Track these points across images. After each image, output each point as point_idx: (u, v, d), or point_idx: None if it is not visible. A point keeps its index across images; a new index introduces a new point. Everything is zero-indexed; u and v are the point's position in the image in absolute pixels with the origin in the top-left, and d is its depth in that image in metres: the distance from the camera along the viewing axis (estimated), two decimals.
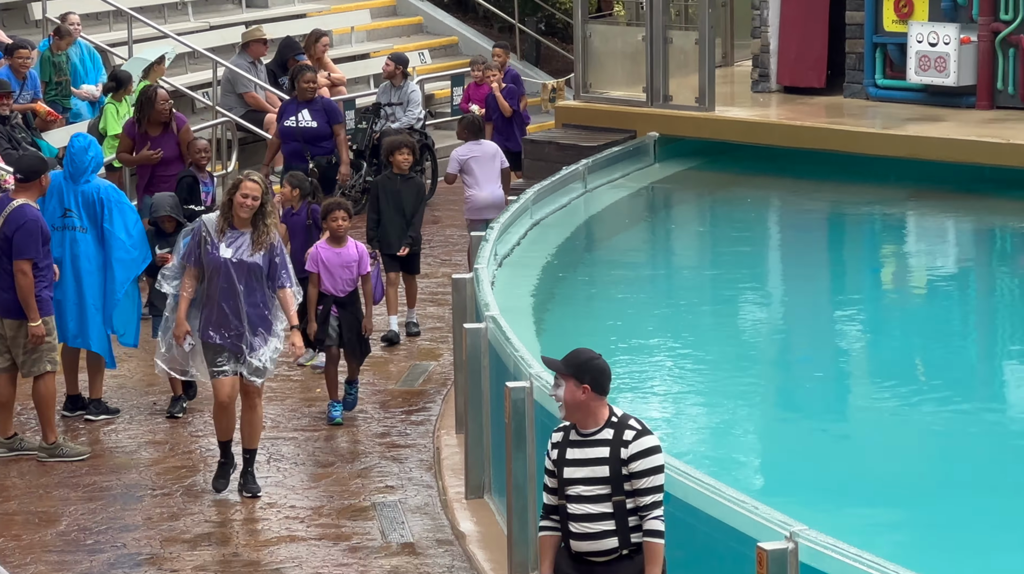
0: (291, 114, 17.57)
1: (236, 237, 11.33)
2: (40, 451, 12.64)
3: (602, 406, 7.86)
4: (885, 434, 13.11)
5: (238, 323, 11.37)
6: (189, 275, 11.42)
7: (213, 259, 11.31)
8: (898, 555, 7.86)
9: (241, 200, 11.23)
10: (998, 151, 18.80)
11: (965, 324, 16.60)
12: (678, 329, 15.72)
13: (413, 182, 15.16)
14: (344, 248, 13.09)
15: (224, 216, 11.33)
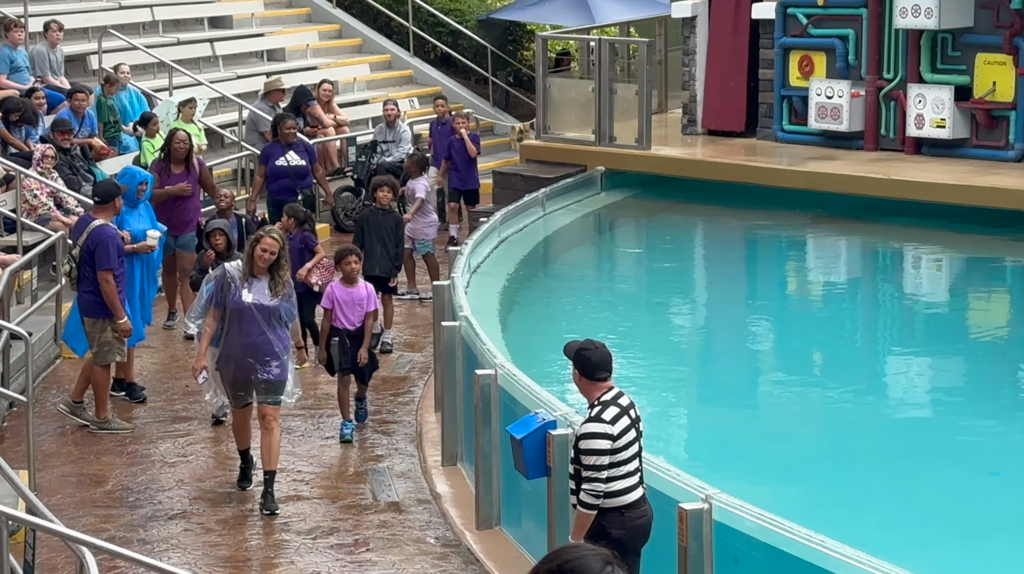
0: (279, 156, 17.06)
1: (256, 283, 10.78)
2: (92, 423, 12.58)
3: (593, 389, 7.79)
4: (789, 415, 13.12)
5: (257, 357, 10.76)
6: (212, 316, 10.89)
7: (237, 302, 10.76)
8: (798, 514, 7.85)
9: (260, 254, 10.74)
10: (881, 185, 18.85)
11: (853, 326, 16.62)
12: (619, 329, 15.70)
13: (392, 216, 14.58)
14: (355, 288, 12.33)
15: (247, 265, 10.81)
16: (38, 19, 20.72)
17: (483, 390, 10.43)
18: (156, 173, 15.19)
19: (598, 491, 7.68)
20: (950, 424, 12.80)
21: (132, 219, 13.29)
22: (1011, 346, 15.57)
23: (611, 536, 7.63)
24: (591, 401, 7.83)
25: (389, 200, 14.47)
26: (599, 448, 7.68)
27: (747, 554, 7.74)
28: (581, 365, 7.82)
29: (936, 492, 11.08)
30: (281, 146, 17.17)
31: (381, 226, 14.41)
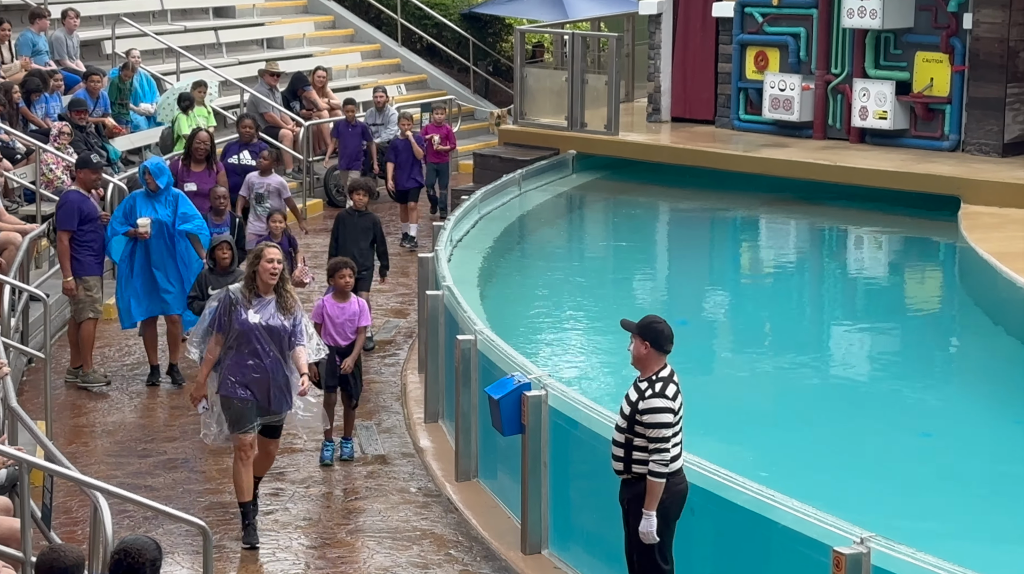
0: (233, 153, 15.95)
1: (262, 303, 9.27)
2: (69, 374, 12.55)
3: (655, 363, 7.64)
4: (741, 381, 13.16)
5: (265, 381, 9.29)
6: (215, 341, 9.32)
7: (243, 324, 9.22)
8: (748, 470, 7.88)
9: (266, 266, 9.24)
10: (828, 170, 18.87)
11: (801, 300, 16.66)
12: (587, 299, 15.73)
13: (368, 218, 13.17)
14: (347, 303, 10.84)
15: (249, 286, 9.29)
16: (57, 7, 20.64)
17: (463, 354, 10.44)
18: (173, 172, 13.72)
19: (666, 460, 7.51)
20: (887, 390, 12.87)
21: (144, 206, 12.38)
22: (943, 318, 15.64)
23: (663, 503, 7.58)
24: (647, 375, 7.63)
25: (365, 203, 13.21)
26: (666, 422, 7.52)
27: (703, 506, 7.77)
28: (654, 338, 7.64)
29: (874, 452, 11.14)
30: (239, 144, 16.12)
31: (357, 227, 13.13)
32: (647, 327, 7.71)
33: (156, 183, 12.39)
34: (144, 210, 12.38)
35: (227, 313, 9.27)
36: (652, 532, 7.52)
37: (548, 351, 13.64)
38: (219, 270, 11.63)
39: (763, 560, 7.41)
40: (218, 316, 9.30)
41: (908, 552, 6.58)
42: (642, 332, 7.69)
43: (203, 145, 14.15)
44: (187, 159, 14.24)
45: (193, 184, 13.91)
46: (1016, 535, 9.70)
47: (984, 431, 11.73)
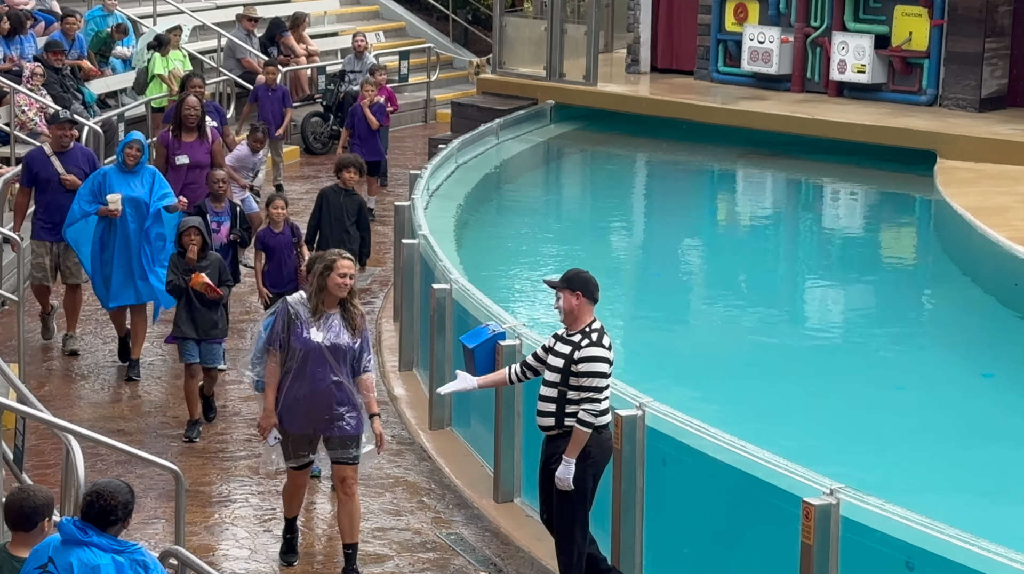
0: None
1: (327, 319, 8.04)
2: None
3: (587, 314, 7.64)
4: (716, 333, 13.19)
5: (329, 409, 8.08)
6: (274, 361, 8.08)
7: (305, 343, 8.00)
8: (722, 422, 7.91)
9: (339, 281, 7.99)
10: (805, 124, 18.86)
11: (776, 253, 16.69)
12: (562, 249, 15.72)
13: (355, 198, 12.03)
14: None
15: (317, 299, 8.02)
16: None
17: (439, 303, 10.43)
18: (163, 145, 12.68)
19: (597, 411, 7.56)
20: (861, 343, 12.91)
21: (119, 183, 11.20)
22: (917, 273, 15.69)
23: (591, 455, 7.61)
24: (581, 327, 7.63)
25: (355, 182, 12.10)
26: (603, 371, 7.55)
27: (675, 457, 7.80)
28: (584, 287, 7.64)
29: (846, 404, 11.19)
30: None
31: (342, 207, 11.90)
32: (575, 278, 7.72)
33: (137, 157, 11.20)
34: (118, 187, 11.21)
35: (285, 329, 8.06)
36: (569, 479, 7.58)
37: (523, 301, 13.64)
38: (186, 262, 10.24)
39: (734, 510, 7.44)
40: (276, 333, 8.09)
41: (877, 503, 6.62)
42: (571, 284, 7.69)
43: (193, 111, 12.57)
44: (177, 128, 12.66)
45: (185, 156, 12.55)
46: (985, 488, 9.77)
47: (956, 385, 11.79)
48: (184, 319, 10.25)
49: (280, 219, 11.16)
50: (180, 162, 12.51)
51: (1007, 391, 11.58)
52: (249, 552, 8.61)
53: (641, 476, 7.92)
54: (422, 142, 20.69)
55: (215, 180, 11.46)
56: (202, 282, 10.10)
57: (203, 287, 10.13)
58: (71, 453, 7.47)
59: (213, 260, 10.33)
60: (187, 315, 10.24)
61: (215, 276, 10.26)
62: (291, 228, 11.27)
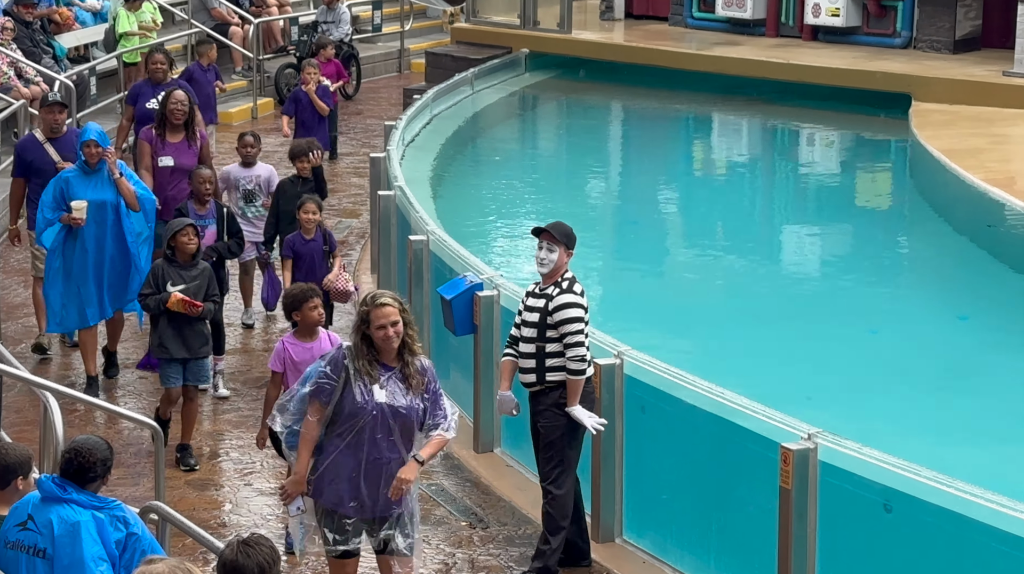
0: (148, 97, 13.04)
1: (385, 374, 6.64)
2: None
3: (565, 264, 7.67)
4: (693, 279, 13.21)
5: (383, 482, 6.62)
6: (316, 415, 6.60)
7: (365, 404, 6.57)
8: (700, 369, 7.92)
9: (385, 334, 6.55)
10: (780, 69, 18.81)
11: (752, 199, 16.70)
12: (539, 197, 15.70)
13: (313, 187, 11.09)
14: (316, 342, 8.06)
15: (368, 358, 6.61)
16: None
17: (416, 254, 10.41)
18: (147, 142, 11.10)
19: (582, 355, 7.53)
20: (836, 287, 12.95)
21: (80, 187, 9.92)
22: (892, 217, 15.72)
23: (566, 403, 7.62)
24: (554, 280, 7.64)
25: (309, 171, 11.11)
26: (578, 316, 7.55)
27: (653, 404, 7.83)
28: (568, 240, 7.68)
29: (822, 349, 11.22)
30: (151, 85, 13.19)
31: (301, 198, 10.60)
32: (570, 236, 7.75)
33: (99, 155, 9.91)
34: (81, 191, 9.90)
35: (340, 380, 6.60)
36: (589, 418, 7.55)
37: (501, 251, 13.63)
38: (181, 260, 9.13)
39: (712, 457, 7.48)
40: (327, 383, 6.62)
41: (855, 447, 6.66)
42: (568, 242, 7.72)
43: (180, 106, 10.99)
44: (161, 126, 11.06)
45: (169, 158, 11.01)
46: (962, 430, 9.83)
47: (931, 327, 11.84)
48: (169, 335, 8.97)
49: (312, 225, 10.07)
50: (163, 164, 11.00)
51: (982, 332, 11.64)
52: (231, 505, 8.62)
53: (620, 424, 7.94)
54: (397, 92, 20.58)
55: (200, 180, 10.31)
56: (178, 299, 8.91)
57: (181, 305, 8.91)
58: (49, 410, 7.46)
59: (203, 270, 9.14)
60: (172, 331, 8.96)
61: (202, 289, 9.06)
62: (324, 235, 10.13)
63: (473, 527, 8.34)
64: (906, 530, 6.51)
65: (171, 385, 9.05)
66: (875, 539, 6.61)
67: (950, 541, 6.36)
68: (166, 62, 13.34)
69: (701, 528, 7.60)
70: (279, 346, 8.08)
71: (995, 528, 6.12)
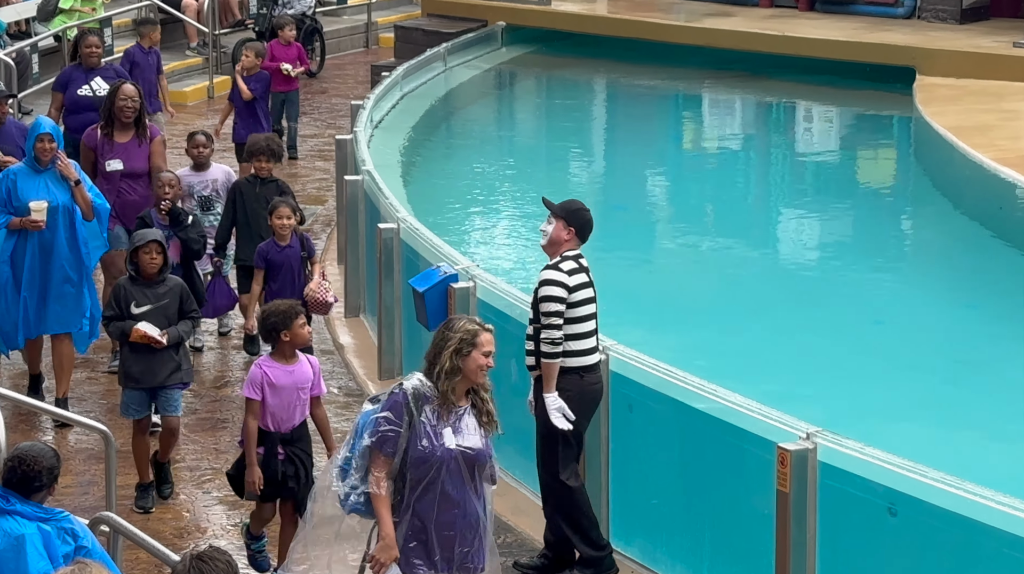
0: (82, 83, 12.59)
1: (456, 414, 6.23)
2: None
3: (566, 247, 7.64)
4: (684, 267, 13.25)
5: (464, 541, 6.25)
6: (383, 468, 6.14)
7: (437, 451, 6.16)
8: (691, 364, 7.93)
9: (482, 362, 6.21)
10: (775, 41, 18.85)
11: (747, 181, 16.73)
12: (518, 184, 15.71)
13: (273, 186, 10.55)
14: (297, 365, 7.64)
15: (449, 389, 6.17)
16: None
17: (386, 244, 10.41)
18: (91, 146, 10.57)
19: (554, 338, 7.49)
20: (837, 275, 12.99)
21: (30, 186, 9.52)
22: (896, 199, 15.77)
23: (567, 396, 7.60)
24: (557, 255, 7.65)
25: (270, 169, 10.62)
26: (555, 295, 7.52)
27: (641, 402, 7.83)
28: (580, 226, 7.67)
29: (823, 341, 11.25)
30: (84, 71, 12.75)
31: (261, 200, 10.41)
32: (574, 213, 7.73)
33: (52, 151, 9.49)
34: (31, 191, 9.48)
35: (404, 425, 6.16)
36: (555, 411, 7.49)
37: (476, 240, 13.63)
38: (144, 279, 8.64)
39: (704, 458, 7.48)
40: (391, 430, 6.14)
41: (857, 447, 6.67)
42: (568, 217, 7.70)
43: (131, 103, 10.45)
44: (108, 124, 10.51)
45: (118, 161, 10.51)
46: (971, 426, 9.86)
47: (938, 317, 11.88)
48: (133, 362, 8.55)
49: (287, 230, 9.66)
50: (112, 168, 10.47)
51: (993, 322, 11.68)
52: (188, 515, 8.60)
53: (606, 423, 7.95)
54: (364, 69, 20.56)
55: (161, 184, 9.86)
56: (141, 334, 8.46)
57: (144, 340, 8.48)
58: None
59: (171, 287, 8.67)
60: (137, 357, 8.54)
61: (175, 306, 8.63)
62: (300, 240, 9.76)
63: None
64: (912, 535, 6.53)
65: (132, 416, 8.64)
66: (879, 545, 6.63)
67: (959, 547, 6.38)
68: (100, 45, 13.01)
69: (693, 535, 7.61)
70: (255, 371, 7.57)
71: (1008, 533, 6.14)
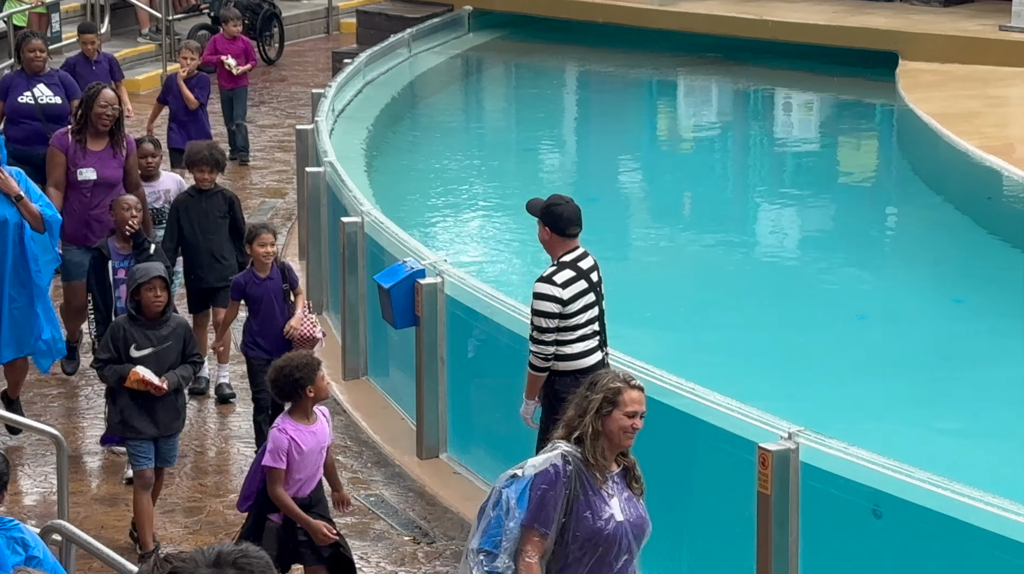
0: (23, 89, 12.14)
1: (612, 482, 5.61)
2: None
3: (560, 247, 7.63)
4: (659, 261, 13.27)
5: None
6: (538, 549, 5.47)
7: (606, 526, 5.53)
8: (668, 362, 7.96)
9: (633, 426, 5.59)
10: (753, 26, 18.90)
11: (724, 172, 16.78)
12: (486, 172, 15.72)
13: (218, 198, 10.07)
14: (318, 423, 7.16)
15: (598, 455, 5.55)
16: None
17: (349, 238, 10.40)
18: (61, 150, 10.01)
19: (545, 354, 7.55)
20: (818, 269, 13.03)
21: None
22: (879, 189, 15.84)
23: (564, 399, 7.61)
24: (554, 259, 7.68)
25: (212, 181, 10.08)
26: (547, 311, 7.55)
27: None
28: (552, 221, 7.65)
29: (803, 337, 11.30)
30: (25, 76, 12.27)
31: (206, 214, 9.99)
32: (544, 211, 7.75)
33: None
34: None
35: (562, 501, 5.48)
36: (528, 418, 7.67)
37: (444, 234, 13.63)
38: (146, 319, 8.12)
39: (683, 459, 7.51)
40: (546, 505, 5.47)
41: (840, 447, 6.70)
42: (541, 215, 7.73)
43: (110, 110, 9.97)
44: (81, 130, 10.02)
45: (91, 170, 9.99)
46: (957, 427, 9.92)
47: (923, 313, 11.94)
48: (134, 410, 8.07)
49: (269, 259, 9.09)
50: (83, 178, 9.97)
51: (980, 316, 11.75)
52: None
53: None
54: (325, 56, 20.53)
55: (123, 208, 9.20)
56: (138, 379, 7.98)
57: (141, 385, 8.00)
58: None
59: (175, 327, 8.20)
60: (139, 405, 8.06)
61: (178, 348, 8.16)
62: (281, 270, 9.19)
63: (417, 542, 8.36)
64: (897, 537, 6.56)
65: (144, 466, 8.11)
66: (863, 548, 6.67)
67: (946, 549, 6.42)
68: (45, 49, 12.46)
69: (671, 538, 7.63)
70: (280, 437, 6.96)
71: (996, 534, 6.18)
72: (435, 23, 19.84)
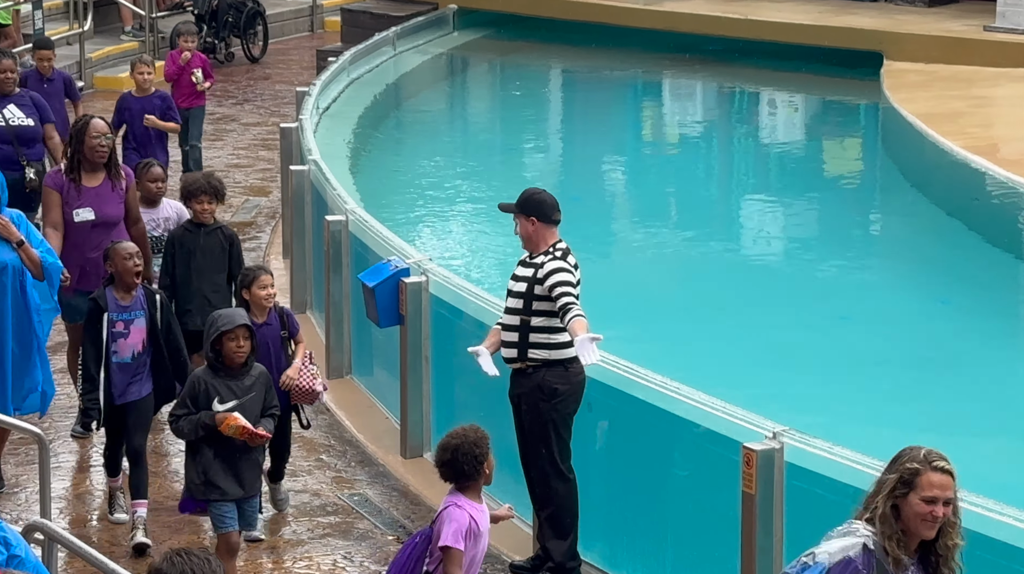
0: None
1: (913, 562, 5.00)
2: None
3: (549, 236, 7.65)
4: (642, 262, 13.28)
5: None
6: None
7: None
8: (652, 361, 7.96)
9: (933, 514, 4.93)
10: (738, 25, 18.93)
11: (708, 171, 16.79)
12: (471, 170, 15.72)
13: (218, 235, 9.39)
14: (484, 503, 6.45)
15: (893, 542, 4.93)
16: None
17: (333, 237, 10.40)
18: (56, 190, 9.26)
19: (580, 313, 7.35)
20: (802, 269, 13.06)
21: None
22: (862, 190, 15.87)
23: (557, 390, 7.60)
24: (544, 249, 7.65)
25: (212, 212, 9.42)
26: (567, 280, 7.50)
27: (601, 401, 7.86)
28: (537, 209, 7.65)
29: (788, 337, 11.31)
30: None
31: (204, 251, 9.36)
32: (527, 201, 7.74)
33: None
34: None
35: None
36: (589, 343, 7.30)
37: (428, 233, 13.63)
38: (229, 369, 7.50)
39: (667, 459, 7.52)
40: None
41: (824, 446, 6.71)
42: (523, 207, 7.73)
43: (104, 140, 9.20)
44: (74, 167, 9.25)
45: (88, 210, 9.21)
46: (942, 427, 9.93)
47: (908, 313, 11.96)
48: (217, 469, 7.38)
49: (268, 303, 8.34)
50: (81, 219, 9.20)
51: (965, 317, 11.78)
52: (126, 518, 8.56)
53: None
54: (309, 55, 20.52)
55: (123, 258, 8.19)
56: (237, 426, 7.31)
57: (239, 432, 7.31)
58: None
59: (258, 377, 7.54)
60: (223, 463, 7.39)
61: (260, 399, 7.52)
62: (280, 316, 8.46)
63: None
64: None
65: (229, 528, 7.45)
66: None
67: None
68: (15, 70, 11.71)
69: (655, 539, 7.65)
70: (461, 516, 6.18)
71: (981, 534, 6.19)
72: (420, 21, 19.84)
